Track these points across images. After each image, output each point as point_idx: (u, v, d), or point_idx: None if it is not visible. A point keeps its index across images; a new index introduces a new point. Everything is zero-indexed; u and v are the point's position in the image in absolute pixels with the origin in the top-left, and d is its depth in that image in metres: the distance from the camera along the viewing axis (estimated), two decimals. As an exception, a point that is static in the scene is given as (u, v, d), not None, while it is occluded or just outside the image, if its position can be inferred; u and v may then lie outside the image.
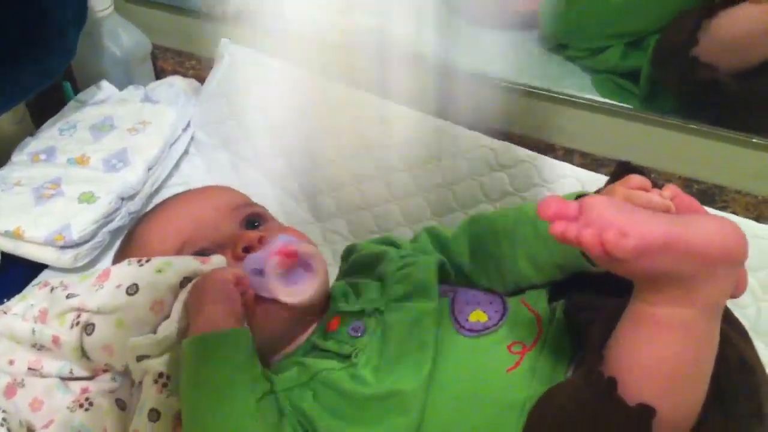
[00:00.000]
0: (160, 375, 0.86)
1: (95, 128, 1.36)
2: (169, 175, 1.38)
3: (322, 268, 0.94)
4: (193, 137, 1.44)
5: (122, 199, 1.24)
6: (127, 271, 0.94)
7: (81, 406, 0.93)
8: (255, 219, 1.05)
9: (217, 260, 0.93)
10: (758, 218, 1.15)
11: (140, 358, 0.87)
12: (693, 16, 1.16)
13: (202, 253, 0.98)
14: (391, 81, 1.39)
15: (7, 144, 1.39)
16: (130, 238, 1.07)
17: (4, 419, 0.91)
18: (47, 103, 1.49)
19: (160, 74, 1.64)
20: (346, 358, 0.87)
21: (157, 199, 1.30)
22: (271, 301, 0.90)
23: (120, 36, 1.51)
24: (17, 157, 1.33)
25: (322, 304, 0.97)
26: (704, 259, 0.67)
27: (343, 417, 0.83)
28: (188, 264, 0.92)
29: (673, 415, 0.70)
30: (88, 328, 0.92)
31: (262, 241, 0.97)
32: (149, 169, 1.30)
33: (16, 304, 1.02)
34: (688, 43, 1.16)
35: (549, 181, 1.18)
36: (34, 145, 1.35)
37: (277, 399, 0.85)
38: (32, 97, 1.32)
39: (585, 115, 1.30)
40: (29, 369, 0.96)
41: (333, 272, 1.05)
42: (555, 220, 0.70)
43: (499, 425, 0.79)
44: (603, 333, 0.76)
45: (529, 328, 0.87)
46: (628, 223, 0.67)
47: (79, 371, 0.96)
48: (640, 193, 0.82)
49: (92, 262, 1.22)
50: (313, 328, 0.96)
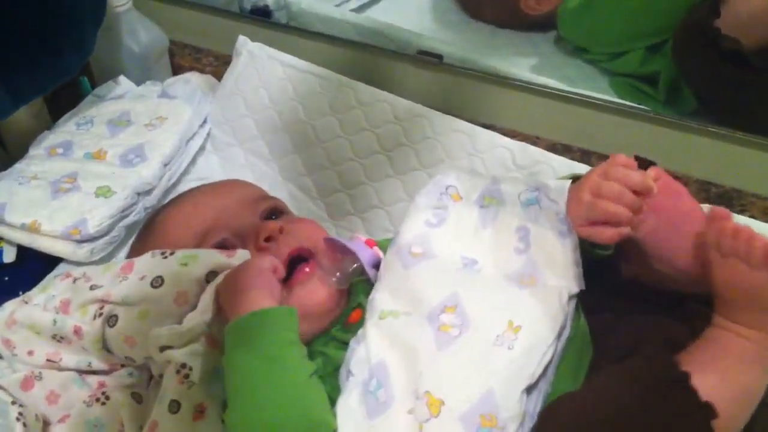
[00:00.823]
0: (183, 366, 0.86)
1: (112, 123, 1.36)
2: (185, 171, 1.38)
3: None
4: (209, 134, 1.44)
5: (138, 194, 1.24)
6: (152, 263, 0.94)
7: (98, 401, 0.93)
8: (274, 212, 1.07)
9: (243, 254, 0.94)
10: (777, 222, 1.14)
11: (163, 349, 0.87)
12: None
13: (223, 244, 0.99)
14: (408, 80, 1.39)
15: (25, 137, 1.40)
16: (151, 226, 1.09)
17: (21, 413, 0.92)
18: (64, 98, 1.49)
19: (177, 70, 1.64)
20: None
21: (173, 195, 1.30)
22: (306, 289, 0.94)
23: (138, 32, 1.51)
24: (34, 151, 1.33)
25: (345, 297, 0.99)
26: None
27: None
28: (214, 257, 0.92)
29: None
30: (111, 320, 0.92)
31: (282, 231, 0.99)
32: (165, 165, 1.30)
33: (37, 295, 1.02)
34: (710, 15, 1.15)
35: (566, 182, 1.17)
36: (52, 139, 1.35)
37: None
38: (49, 92, 1.33)
39: (603, 117, 1.29)
40: (48, 361, 0.96)
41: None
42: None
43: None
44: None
45: None
46: None
47: (98, 364, 0.96)
48: (617, 168, 0.84)
49: (108, 257, 1.22)
50: (332, 321, 0.97)
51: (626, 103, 1.30)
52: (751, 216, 1.16)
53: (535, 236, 0.91)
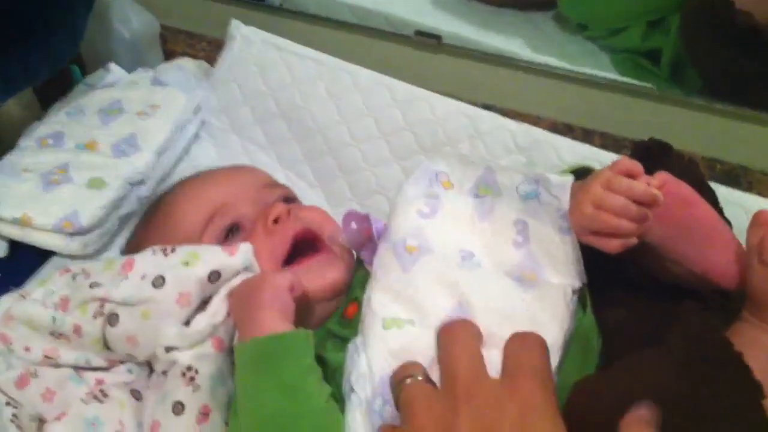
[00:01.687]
0: (189, 368, 0.84)
1: (103, 112, 1.33)
2: (180, 160, 1.35)
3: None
4: (203, 121, 1.40)
5: (131, 185, 1.21)
6: (152, 262, 0.92)
7: (95, 398, 0.91)
8: (284, 199, 1.07)
9: (245, 248, 0.92)
10: (784, 200, 1.12)
11: (169, 349, 0.85)
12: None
13: (231, 226, 1.00)
14: (405, 62, 1.37)
15: (14, 128, 1.37)
16: (159, 206, 1.09)
17: (15, 415, 0.90)
18: (54, 86, 1.46)
19: (169, 56, 1.62)
20: None
21: (167, 184, 1.27)
22: (314, 272, 0.95)
23: (128, 17, 1.49)
24: (25, 143, 1.30)
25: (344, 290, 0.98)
26: None
27: None
28: (216, 256, 0.90)
29: None
30: (112, 319, 0.90)
31: (290, 213, 0.99)
32: (159, 154, 1.27)
33: (36, 289, 1.00)
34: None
35: (568, 162, 1.15)
36: (42, 129, 1.32)
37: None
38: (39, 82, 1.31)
39: (604, 95, 1.28)
40: (45, 357, 0.94)
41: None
42: None
43: None
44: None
45: None
46: None
47: (97, 361, 0.94)
48: (620, 179, 0.80)
49: (101, 249, 1.19)
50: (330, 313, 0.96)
51: (629, 81, 1.28)
52: (758, 193, 1.14)
53: (534, 231, 0.89)
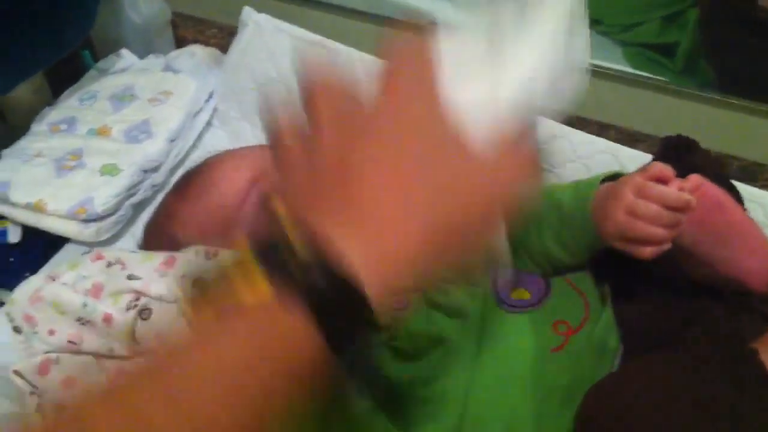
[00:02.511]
0: None
1: (116, 98, 1.33)
2: (192, 147, 1.34)
3: None
4: (215, 108, 1.40)
5: (145, 172, 1.21)
6: (194, 263, 0.92)
7: None
8: None
9: None
10: (802, 197, 1.11)
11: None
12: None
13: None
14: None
15: (26, 113, 1.36)
16: (194, 176, 1.06)
17: (39, 405, 0.89)
18: (65, 72, 1.45)
19: (180, 43, 1.61)
20: (384, 329, 0.85)
21: (180, 172, 1.27)
22: None
23: (139, 3, 1.47)
24: (37, 128, 1.30)
25: None
26: None
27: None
28: None
29: None
30: (144, 313, 0.89)
31: None
32: (172, 141, 1.27)
33: (66, 272, 0.98)
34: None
35: (584, 156, 1.14)
36: (54, 115, 1.32)
37: None
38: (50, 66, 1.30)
39: (620, 88, 1.27)
40: (68, 342, 0.94)
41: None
42: None
43: (541, 408, 0.77)
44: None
45: (575, 309, 0.85)
46: None
47: (120, 351, 0.94)
48: (652, 186, 0.79)
49: (115, 237, 1.19)
50: None
51: (644, 75, 1.28)
52: (775, 190, 1.14)
53: None
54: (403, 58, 0.53)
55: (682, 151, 0.88)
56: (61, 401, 0.91)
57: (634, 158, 1.10)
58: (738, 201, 0.88)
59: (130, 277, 0.92)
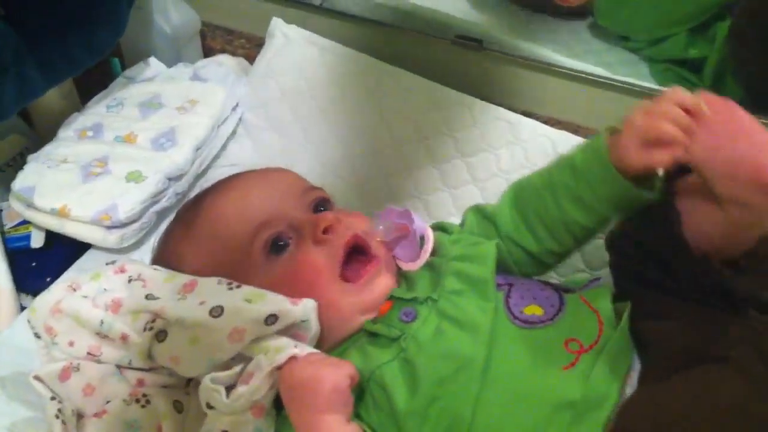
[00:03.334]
0: None
1: (143, 106, 1.34)
2: (217, 156, 1.35)
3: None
4: (241, 118, 1.40)
5: (170, 180, 1.21)
6: (216, 291, 0.90)
7: (137, 402, 0.90)
8: (322, 204, 1.03)
9: (309, 303, 0.89)
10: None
11: (209, 406, 0.83)
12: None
13: (278, 237, 0.95)
14: (447, 65, 1.36)
15: (54, 119, 1.37)
16: (196, 214, 1.03)
17: (60, 410, 0.89)
18: (94, 79, 1.46)
19: (208, 52, 1.62)
20: (393, 341, 0.85)
21: (204, 181, 1.27)
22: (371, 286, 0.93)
23: (169, 12, 1.48)
24: (64, 133, 1.31)
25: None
26: None
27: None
28: (278, 301, 0.87)
29: None
30: (160, 335, 0.89)
31: (339, 221, 0.95)
32: (197, 150, 1.27)
33: (87, 283, 0.98)
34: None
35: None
36: (81, 121, 1.33)
37: None
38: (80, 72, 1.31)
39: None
40: (88, 354, 0.94)
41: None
42: None
43: (549, 426, 0.77)
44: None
45: (587, 327, 0.84)
46: None
47: (139, 363, 0.94)
48: (669, 93, 0.83)
49: (138, 243, 1.20)
50: None
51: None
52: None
53: None
54: None
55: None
56: (81, 408, 0.91)
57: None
58: None
59: (149, 297, 0.92)
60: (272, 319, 0.85)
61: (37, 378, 0.92)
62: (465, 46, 1.34)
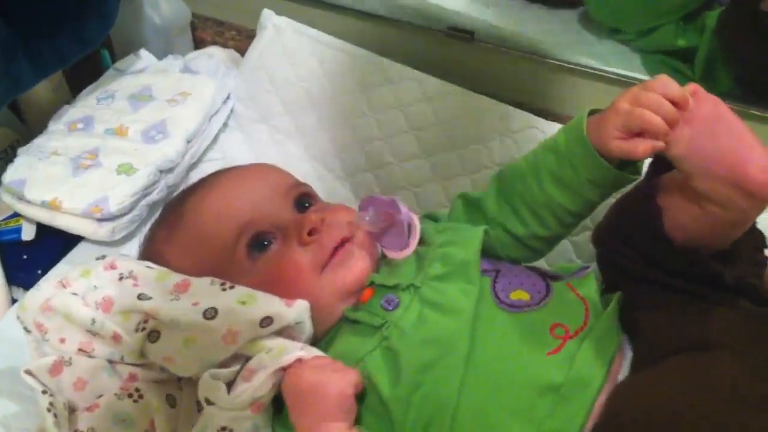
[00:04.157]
0: (223, 428, 0.82)
1: (133, 98, 1.33)
2: (208, 149, 1.35)
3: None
4: (232, 110, 1.40)
5: (161, 172, 1.21)
6: (209, 291, 0.90)
7: (130, 396, 0.90)
8: (305, 200, 1.02)
9: (302, 305, 0.89)
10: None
11: (208, 402, 0.83)
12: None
13: (261, 236, 0.95)
14: (438, 57, 1.36)
15: (44, 112, 1.37)
16: (179, 215, 1.02)
17: (52, 404, 0.89)
18: (84, 71, 1.46)
19: (198, 44, 1.61)
20: (376, 329, 0.86)
21: (196, 172, 1.27)
22: (344, 269, 0.93)
23: (160, 4, 1.48)
24: (54, 126, 1.30)
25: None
26: None
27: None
28: (273, 303, 0.88)
29: None
30: (153, 336, 0.88)
31: (324, 223, 0.95)
32: (188, 142, 1.27)
33: (77, 279, 0.97)
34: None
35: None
36: (72, 113, 1.32)
37: None
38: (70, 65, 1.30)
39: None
40: (79, 350, 0.94)
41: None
42: None
43: (533, 409, 0.77)
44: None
45: (573, 313, 0.85)
46: None
47: (131, 360, 0.93)
48: (656, 81, 0.82)
49: (130, 236, 1.19)
50: None
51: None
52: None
53: None
54: None
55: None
56: (73, 402, 0.91)
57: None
58: None
59: (141, 297, 0.91)
60: (267, 321, 0.85)
61: (28, 372, 0.92)
62: (457, 37, 1.34)
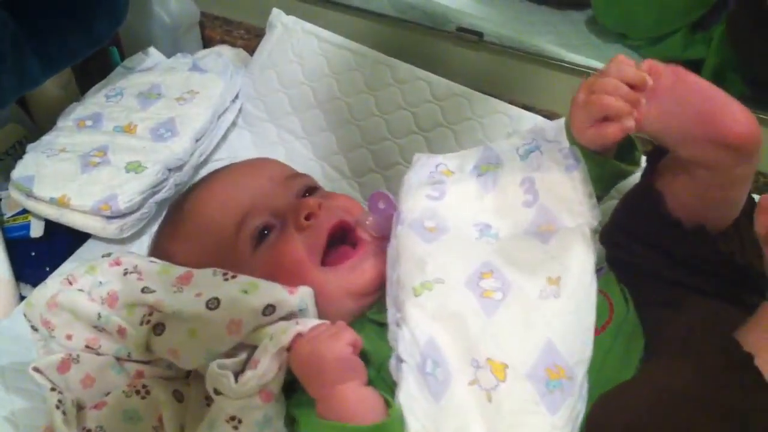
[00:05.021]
0: (232, 418, 0.82)
1: (142, 96, 1.33)
2: (217, 147, 1.35)
3: None
4: (241, 109, 1.40)
5: (169, 170, 1.21)
6: (211, 282, 0.91)
7: (137, 393, 0.90)
8: (308, 190, 1.04)
9: (306, 291, 0.89)
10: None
11: (216, 392, 0.83)
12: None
13: (264, 226, 0.97)
14: (447, 57, 1.35)
15: (53, 109, 1.37)
16: (182, 211, 1.05)
17: (60, 401, 0.89)
18: (93, 68, 1.46)
19: (207, 43, 1.61)
20: None
21: (204, 171, 1.27)
22: (356, 271, 0.94)
23: (169, 2, 1.48)
24: (63, 123, 1.30)
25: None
26: None
27: None
28: (275, 291, 0.88)
29: None
30: (158, 328, 0.88)
31: (322, 207, 0.96)
32: (197, 140, 1.27)
33: (83, 276, 0.98)
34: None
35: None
36: (80, 111, 1.32)
37: None
38: (79, 62, 1.30)
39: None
40: (86, 347, 0.94)
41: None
42: None
43: None
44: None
45: (599, 310, 0.83)
46: None
47: (138, 356, 0.94)
48: (609, 66, 0.83)
49: (138, 233, 1.20)
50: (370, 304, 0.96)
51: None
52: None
53: (541, 182, 0.91)
54: None
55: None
56: (81, 399, 0.91)
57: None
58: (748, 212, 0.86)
59: (145, 290, 0.92)
60: (270, 309, 0.85)
61: (36, 369, 0.92)
62: (465, 38, 1.34)
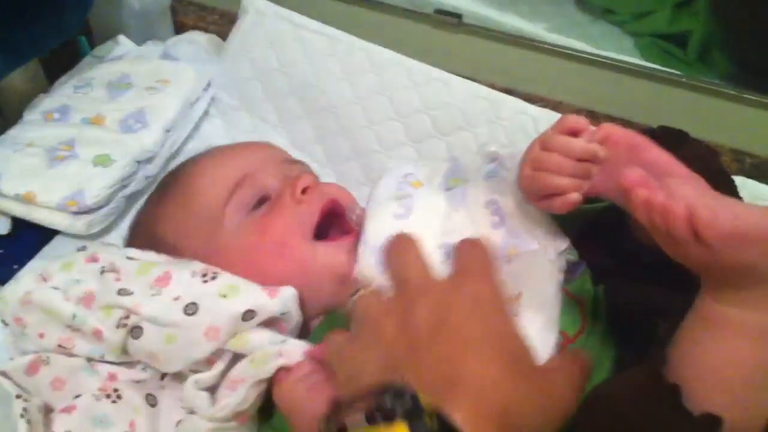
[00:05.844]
0: None
1: (112, 86, 1.29)
2: (188, 138, 1.30)
3: None
4: (213, 98, 1.36)
5: (139, 163, 1.18)
6: (190, 284, 0.88)
7: (108, 397, 0.88)
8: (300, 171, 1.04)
9: (287, 292, 0.87)
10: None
11: (191, 411, 0.82)
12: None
13: (259, 197, 0.96)
14: (424, 41, 1.33)
15: (19, 102, 1.33)
16: (174, 181, 1.04)
17: (25, 409, 0.86)
18: (61, 58, 1.42)
19: (179, 29, 1.58)
20: None
21: (176, 162, 1.23)
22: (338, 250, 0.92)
23: (138, -13, 1.45)
24: (29, 116, 1.27)
25: None
26: None
27: None
28: (255, 294, 0.85)
29: (742, 426, 0.64)
30: (135, 332, 0.86)
31: (318, 185, 0.97)
32: (167, 131, 1.23)
33: (58, 273, 0.95)
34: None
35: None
36: (48, 103, 1.28)
37: None
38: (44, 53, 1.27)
39: (631, 81, 1.23)
40: (59, 346, 0.91)
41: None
42: (639, 186, 0.66)
43: None
44: (669, 332, 0.70)
45: (571, 318, 0.84)
46: (719, 205, 0.63)
47: (111, 357, 0.91)
48: (557, 138, 0.80)
49: (107, 229, 1.16)
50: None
51: (656, 67, 1.24)
52: (790, 189, 1.10)
53: (506, 207, 0.90)
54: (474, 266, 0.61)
55: (668, 142, 0.83)
56: (50, 402, 0.88)
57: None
58: (731, 192, 0.83)
59: (122, 292, 0.89)
60: (249, 315, 0.83)
61: (3, 374, 0.90)
62: (444, 20, 1.31)
